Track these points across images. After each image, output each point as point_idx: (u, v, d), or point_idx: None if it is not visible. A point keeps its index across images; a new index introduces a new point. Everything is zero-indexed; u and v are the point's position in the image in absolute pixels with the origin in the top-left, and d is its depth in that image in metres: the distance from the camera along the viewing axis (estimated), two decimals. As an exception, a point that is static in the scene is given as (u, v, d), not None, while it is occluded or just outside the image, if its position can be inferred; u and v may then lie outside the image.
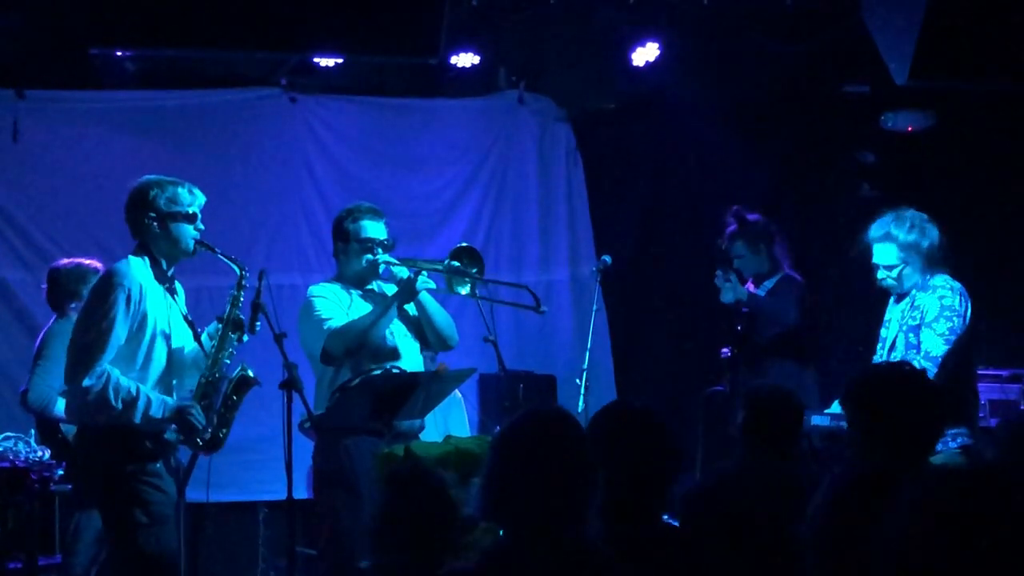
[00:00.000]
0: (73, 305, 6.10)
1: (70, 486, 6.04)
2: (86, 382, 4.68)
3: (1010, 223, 7.92)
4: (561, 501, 2.85)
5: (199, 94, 8.20)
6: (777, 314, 6.84)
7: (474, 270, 5.79)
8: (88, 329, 4.77)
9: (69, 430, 5.90)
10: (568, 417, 3.05)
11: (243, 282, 5.07)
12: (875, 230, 5.52)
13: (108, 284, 4.82)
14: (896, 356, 5.36)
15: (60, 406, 5.95)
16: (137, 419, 4.71)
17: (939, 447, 5.05)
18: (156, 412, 4.75)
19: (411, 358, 5.78)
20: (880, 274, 5.51)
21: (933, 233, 5.44)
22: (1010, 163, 7.88)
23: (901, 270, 5.44)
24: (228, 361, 5.02)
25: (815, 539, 3.31)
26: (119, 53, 7.49)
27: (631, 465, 3.25)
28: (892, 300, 5.59)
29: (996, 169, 7.93)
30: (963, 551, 1.70)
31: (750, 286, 7.13)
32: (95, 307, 4.80)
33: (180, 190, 4.97)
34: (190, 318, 5.07)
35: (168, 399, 4.83)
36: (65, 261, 6.48)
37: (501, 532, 3.07)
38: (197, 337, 5.03)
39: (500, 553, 2.88)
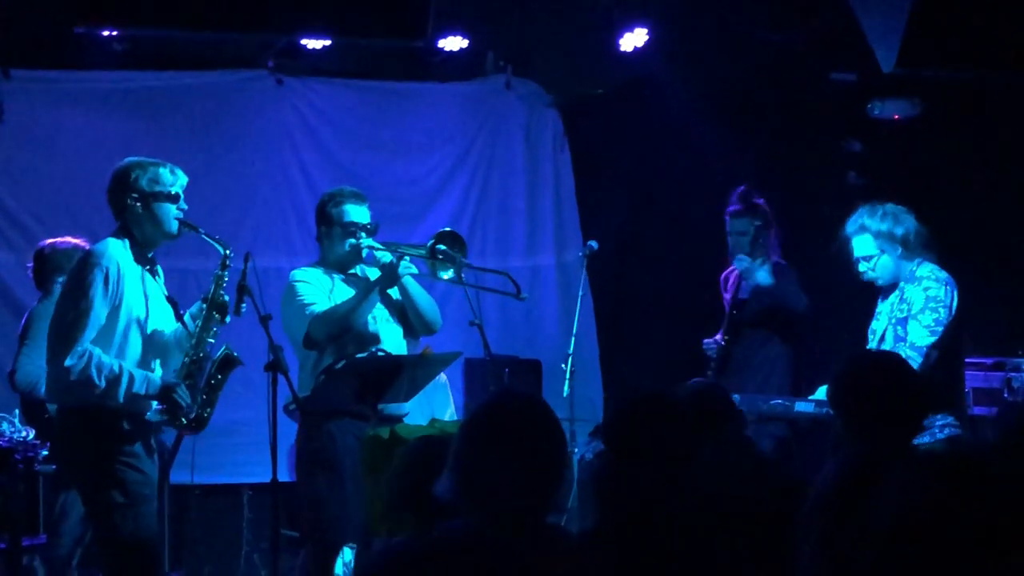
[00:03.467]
0: (60, 279, 6.08)
1: (55, 466, 6.03)
2: (68, 362, 4.67)
3: (996, 211, 7.94)
4: (528, 485, 2.82)
5: (185, 75, 8.18)
6: (788, 300, 6.80)
7: (457, 254, 5.79)
8: (68, 309, 4.76)
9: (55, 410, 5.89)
10: (537, 400, 3.03)
11: (227, 262, 5.06)
12: (850, 225, 5.55)
13: (86, 264, 4.81)
14: (885, 348, 5.38)
15: (46, 386, 5.95)
16: (121, 397, 4.70)
17: (927, 437, 5.09)
18: (140, 388, 4.74)
19: (394, 343, 5.77)
20: (861, 267, 5.52)
21: (908, 221, 5.46)
22: (997, 152, 7.89)
23: (878, 259, 5.46)
24: (212, 341, 5.02)
25: (811, 526, 3.34)
26: (105, 33, 7.46)
27: (656, 453, 3.25)
28: (881, 294, 5.60)
29: (983, 157, 7.94)
30: (948, 534, 1.71)
31: (734, 271, 7.13)
32: (74, 287, 4.79)
33: (161, 170, 4.96)
34: (173, 299, 5.06)
35: (152, 375, 4.82)
36: (51, 240, 6.48)
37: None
38: (180, 317, 5.02)
39: (459, 535, 2.84)
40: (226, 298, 5.04)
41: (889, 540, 1.75)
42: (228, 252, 5.07)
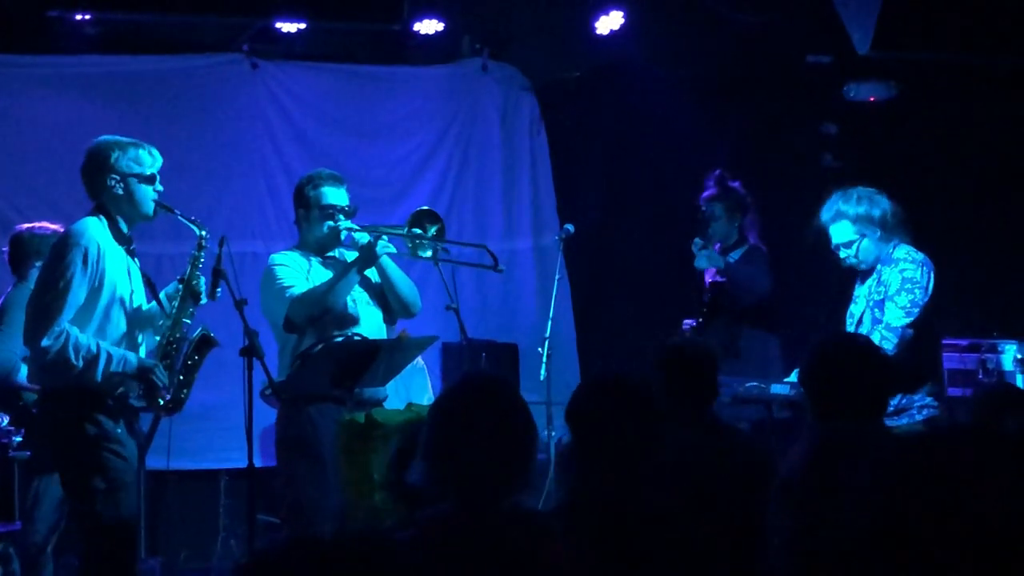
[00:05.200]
0: (37, 264, 6.04)
1: (28, 453, 6.01)
2: (45, 342, 4.65)
3: (971, 193, 7.97)
4: (496, 463, 2.83)
5: (160, 59, 8.13)
6: (751, 281, 6.86)
7: (433, 231, 5.78)
8: (46, 289, 4.74)
9: (30, 397, 5.86)
10: (502, 382, 3.04)
11: (203, 243, 5.05)
12: (825, 212, 5.54)
13: (65, 244, 4.79)
14: (863, 331, 5.39)
15: (23, 373, 5.91)
16: (99, 377, 4.69)
17: (905, 419, 5.12)
18: (117, 367, 4.72)
19: (373, 325, 5.77)
20: (842, 253, 5.51)
21: (882, 202, 5.46)
22: (971, 134, 7.91)
23: (859, 244, 5.45)
24: (188, 322, 5.00)
25: (780, 503, 3.36)
26: (78, 16, 7.42)
27: (612, 434, 3.26)
28: (859, 278, 5.60)
29: (959, 140, 7.96)
30: (924, 511, 1.71)
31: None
32: (53, 267, 4.77)
33: (140, 151, 4.95)
34: (150, 278, 5.04)
35: (129, 355, 4.80)
36: (28, 225, 6.44)
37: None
38: (156, 297, 5.00)
39: (440, 521, 2.85)
40: (201, 279, 5.03)
41: (862, 519, 1.76)
42: (204, 233, 5.05)
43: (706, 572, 3.25)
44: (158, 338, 4.98)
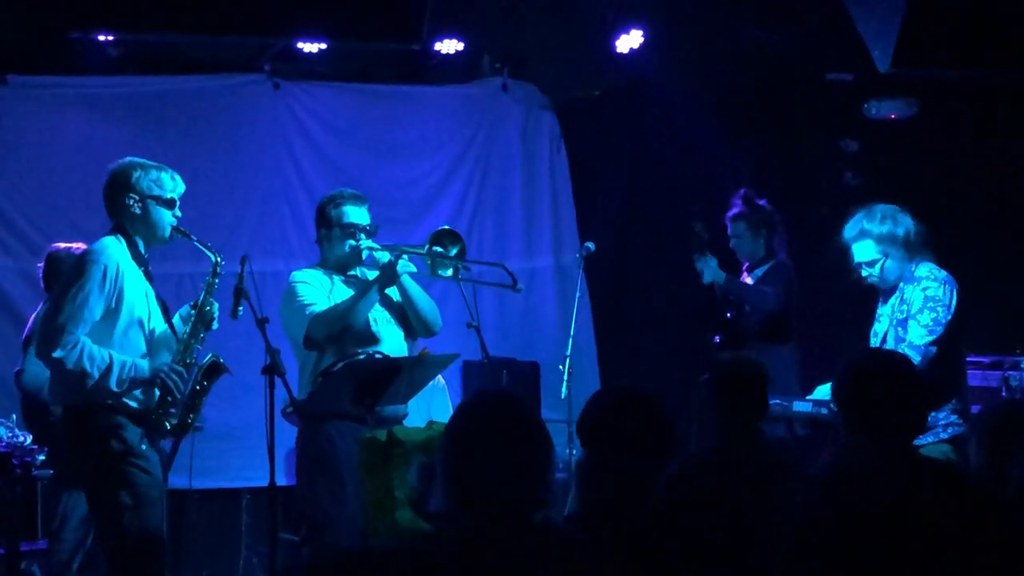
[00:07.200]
0: None
1: (52, 471, 6.02)
2: (57, 354, 4.66)
3: (992, 210, 7.95)
4: (509, 481, 2.82)
5: (182, 80, 8.18)
6: (755, 298, 6.87)
7: (454, 251, 5.79)
8: (62, 306, 4.75)
9: (59, 412, 5.88)
10: (510, 396, 3.04)
11: (218, 269, 5.07)
12: (849, 230, 5.51)
13: (84, 262, 4.81)
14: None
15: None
16: (113, 384, 4.70)
17: (931, 437, 5.09)
18: (129, 373, 4.74)
19: (395, 344, 5.77)
20: (864, 272, 5.48)
21: (906, 221, 5.43)
22: (992, 151, 7.90)
23: (883, 263, 5.42)
24: (199, 347, 5.01)
25: (800, 513, 3.36)
26: (100, 37, 7.46)
27: (628, 448, 3.27)
28: (882, 296, 5.58)
29: (978, 157, 7.95)
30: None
31: (745, 275, 7.13)
32: (70, 283, 4.79)
33: (163, 175, 4.98)
34: (163, 299, 5.06)
35: (139, 361, 4.81)
36: (66, 244, 6.48)
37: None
38: (169, 319, 5.02)
39: (452, 537, 2.85)
40: (216, 306, 5.04)
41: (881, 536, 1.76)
42: (219, 259, 5.07)
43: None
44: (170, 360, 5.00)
